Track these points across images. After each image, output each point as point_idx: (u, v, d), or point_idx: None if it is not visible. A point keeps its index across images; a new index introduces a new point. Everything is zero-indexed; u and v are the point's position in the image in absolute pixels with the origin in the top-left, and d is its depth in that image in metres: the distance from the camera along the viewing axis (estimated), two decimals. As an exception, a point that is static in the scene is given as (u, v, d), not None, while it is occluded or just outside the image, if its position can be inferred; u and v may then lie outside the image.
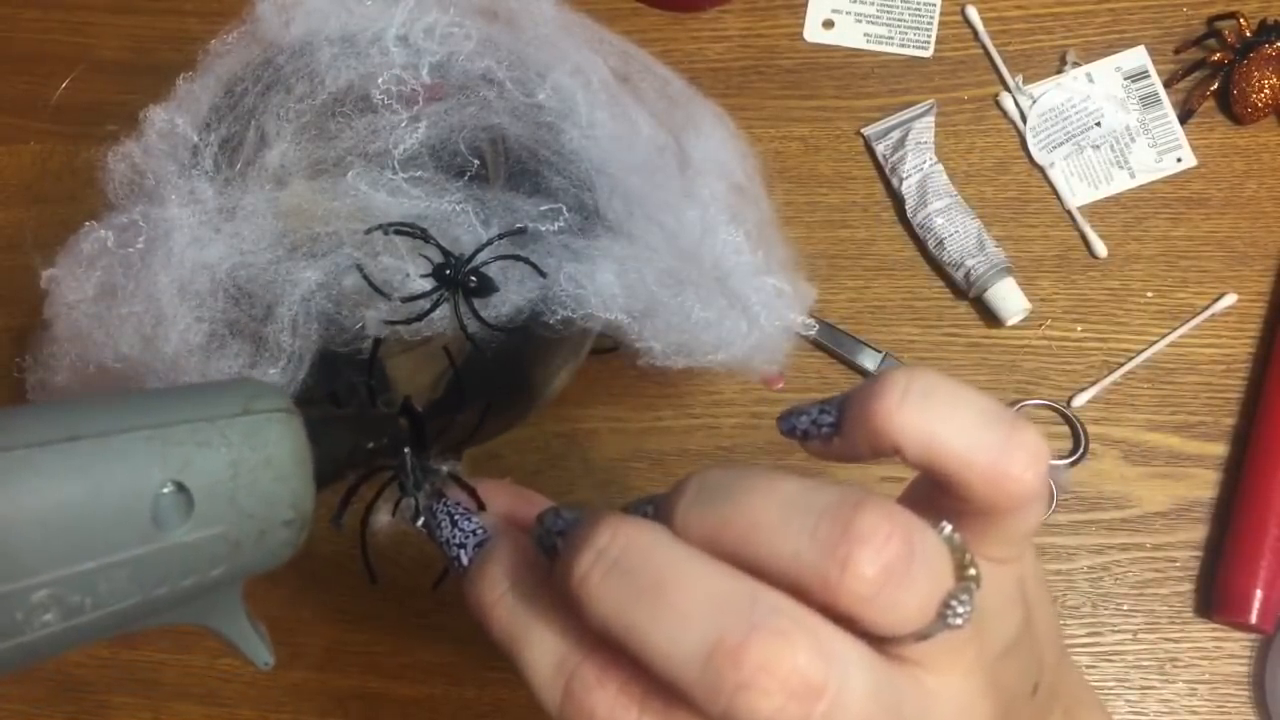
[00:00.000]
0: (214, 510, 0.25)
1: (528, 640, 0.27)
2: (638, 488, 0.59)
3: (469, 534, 0.30)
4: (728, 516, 0.24)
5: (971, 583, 0.24)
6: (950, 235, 0.59)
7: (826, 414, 0.28)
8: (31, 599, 0.23)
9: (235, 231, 0.39)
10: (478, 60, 0.41)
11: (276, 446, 0.27)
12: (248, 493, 0.26)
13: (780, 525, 0.24)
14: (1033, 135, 0.62)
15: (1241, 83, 0.60)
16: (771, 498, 0.24)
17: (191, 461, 0.25)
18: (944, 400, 0.25)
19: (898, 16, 0.64)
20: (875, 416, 0.25)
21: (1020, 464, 0.25)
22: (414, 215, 0.38)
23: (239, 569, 0.27)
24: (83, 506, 0.24)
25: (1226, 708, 0.55)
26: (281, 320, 0.38)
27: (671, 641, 0.23)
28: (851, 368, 0.59)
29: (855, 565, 0.23)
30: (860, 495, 0.24)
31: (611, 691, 0.25)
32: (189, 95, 0.42)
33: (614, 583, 0.24)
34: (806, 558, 0.23)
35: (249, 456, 0.26)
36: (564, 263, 0.39)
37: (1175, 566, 0.57)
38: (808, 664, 0.22)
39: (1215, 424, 0.58)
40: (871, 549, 0.23)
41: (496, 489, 0.33)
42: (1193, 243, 0.60)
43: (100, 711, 0.58)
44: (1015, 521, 0.26)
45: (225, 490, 0.26)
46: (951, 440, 0.25)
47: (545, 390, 0.47)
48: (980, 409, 0.25)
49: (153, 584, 0.25)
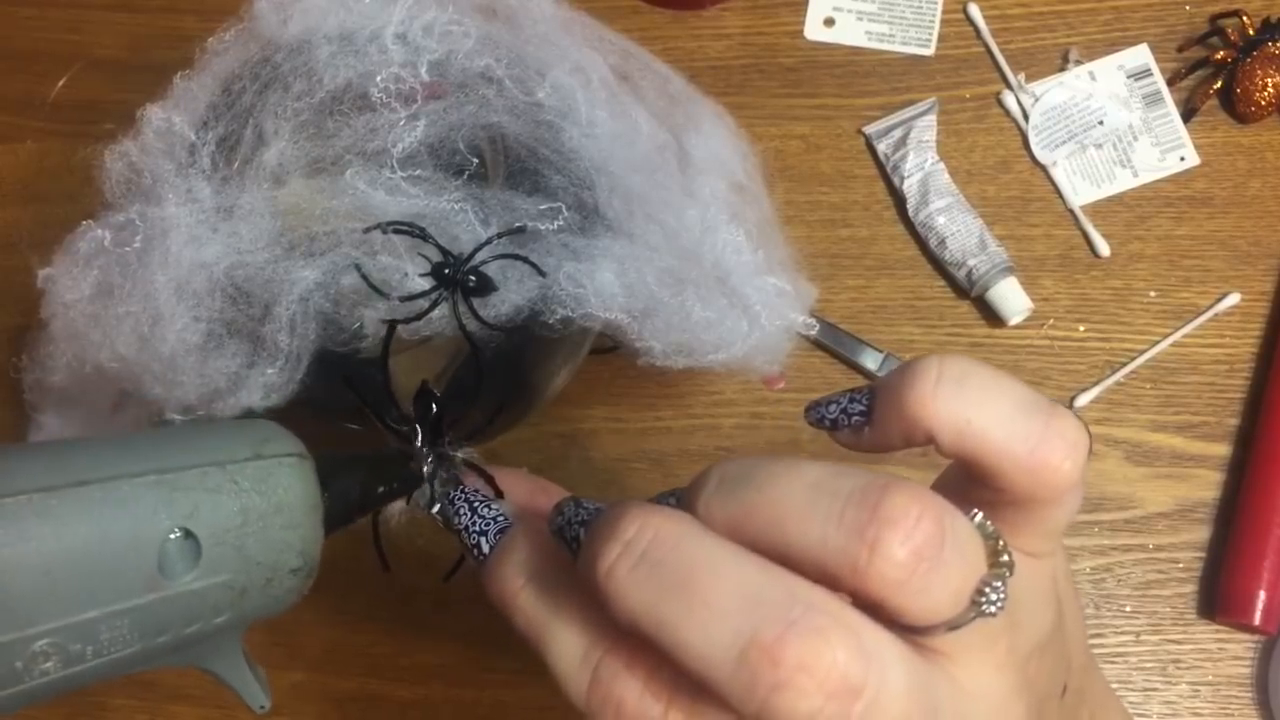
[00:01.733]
0: (221, 558, 0.25)
1: (552, 630, 0.26)
2: (638, 488, 0.58)
3: (490, 520, 0.29)
4: (752, 503, 0.23)
5: (1005, 570, 0.23)
6: (952, 234, 0.59)
7: (857, 402, 0.27)
8: (32, 648, 0.23)
9: (233, 230, 0.38)
10: (477, 58, 0.41)
11: (288, 493, 0.26)
12: (256, 540, 0.25)
13: (806, 510, 0.23)
14: (1035, 134, 0.62)
15: (1245, 81, 0.60)
16: (796, 483, 0.23)
17: (200, 508, 0.25)
18: (979, 386, 0.25)
19: (899, 14, 0.64)
20: (908, 403, 0.25)
21: (1060, 453, 0.24)
22: (413, 214, 0.38)
23: (243, 616, 0.26)
24: (87, 554, 0.23)
25: (1230, 709, 0.55)
26: (279, 320, 0.37)
27: (704, 638, 0.22)
28: (853, 368, 0.59)
29: (885, 547, 0.22)
30: (888, 478, 0.23)
31: (639, 681, 0.24)
32: (186, 94, 0.42)
33: (642, 576, 0.23)
34: (834, 542, 0.22)
35: (259, 503, 0.25)
36: (563, 262, 0.39)
37: (1178, 567, 0.56)
38: (846, 662, 0.21)
39: (1218, 424, 0.58)
40: (901, 531, 0.22)
41: (514, 478, 0.32)
42: (1196, 242, 0.60)
43: (98, 713, 0.58)
44: (1052, 513, 0.26)
45: (234, 538, 0.25)
46: (988, 428, 0.25)
47: (545, 390, 0.47)
48: (1017, 396, 0.25)
49: (155, 632, 0.25)
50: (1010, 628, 0.25)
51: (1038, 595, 0.27)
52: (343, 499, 0.28)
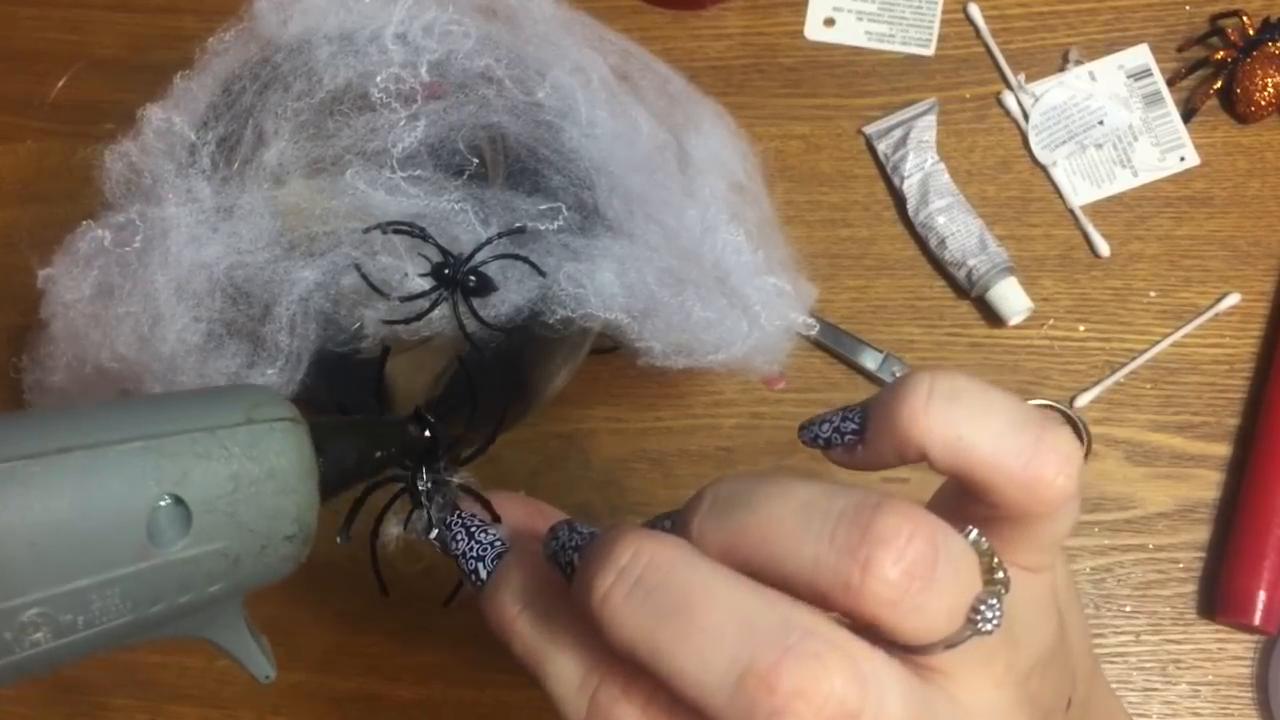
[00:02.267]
0: (213, 525, 0.24)
1: (549, 656, 0.26)
2: (637, 488, 0.58)
3: (486, 546, 0.29)
4: (744, 524, 0.23)
5: (1000, 586, 0.23)
6: (952, 234, 0.59)
7: (850, 420, 0.27)
8: (20, 618, 0.23)
9: (233, 231, 0.38)
10: (477, 58, 0.41)
11: (280, 458, 0.26)
12: (249, 507, 0.25)
13: (798, 530, 0.23)
14: (1035, 134, 0.62)
15: (1245, 81, 0.60)
16: (788, 503, 0.23)
17: (190, 474, 0.24)
18: (971, 402, 0.25)
19: (899, 14, 0.64)
20: (901, 421, 0.25)
21: (1053, 467, 0.25)
22: (412, 214, 0.38)
23: (238, 584, 0.26)
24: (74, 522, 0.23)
25: (1230, 709, 0.55)
26: (279, 320, 0.37)
27: (700, 665, 0.22)
28: (853, 368, 0.59)
29: (877, 567, 0.22)
30: (880, 497, 0.23)
31: (637, 707, 0.24)
32: (186, 94, 0.42)
33: (637, 603, 0.23)
34: (826, 562, 0.22)
35: (251, 469, 0.25)
36: (563, 262, 0.39)
37: (1178, 568, 0.56)
38: (844, 688, 0.21)
39: (1218, 424, 0.58)
40: (894, 550, 0.22)
41: (509, 501, 0.32)
42: (1196, 242, 0.60)
43: (98, 713, 0.58)
44: (1047, 527, 0.26)
45: (225, 504, 0.24)
46: (981, 444, 0.25)
47: (545, 390, 0.47)
48: (1009, 411, 0.25)
49: (148, 602, 0.24)
50: (1009, 644, 0.25)
51: (1037, 610, 0.27)
52: (338, 464, 0.28)
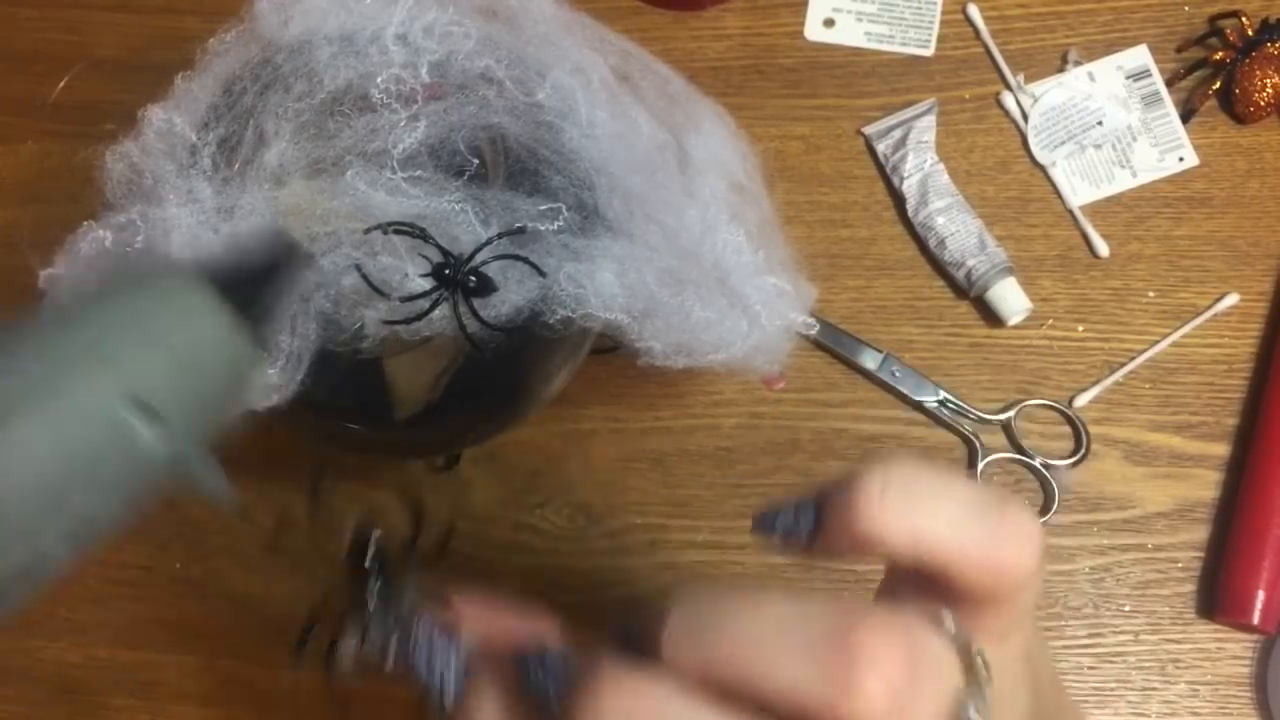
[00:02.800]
0: (175, 406, 0.26)
1: None
2: (637, 488, 0.58)
3: (449, 667, 0.28)
4: (717, 646, 0.23)
5: (982, 682, 0.23)
6: (951, 235, 0.59)
7: (805, 514, 0.26)
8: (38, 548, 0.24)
9: (234, 231, 0.39)
10: (477, 59, 0.41)
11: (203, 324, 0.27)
12: (198, 376, 0.26)
13: (775, 653, 0.22)
14: (1034, 134, 0.62)
15: (1244, 81, 0.60)
16: (761, 622, 0.23)
17: (139, 371, 0.25)
18: (926, 493, 0.24)
19: (899, 15, 0.64)
20: (857, 518, 0.24)
21: (1015, 548, 0.24)
22: (413, 215, 0.38)
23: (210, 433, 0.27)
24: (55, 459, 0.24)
25: (1229, 709, 0.55)
26: (279, 320, 0.37)
27: None
28: (852, 368, 0.59)
29: (860, 689, 0.21)
30: (854, 609, 0.22)
31: None
32: (187, 94, 0.42)
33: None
34: (808, 685, 0.22)
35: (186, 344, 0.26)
36: (564, 262, 0.39)
37: (1177, 567, 0.57)
38: None
39: (1217, 424, 0.58)
40: (876, 671, 0.21)
41: (468, 608, 0.30)
42: (1195, 242, 0.60)
43: (99, 713, 0.58)
44: (1015, 602, 0.26)
45: (176, 384, 0.26)
46: (940, 534, 0.24)
47: (545, 390, 0.47)
48: (965, 497, 0.24)
49: (143, 490, 0.26)
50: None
51: (1013, 681, 0.27)
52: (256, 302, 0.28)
